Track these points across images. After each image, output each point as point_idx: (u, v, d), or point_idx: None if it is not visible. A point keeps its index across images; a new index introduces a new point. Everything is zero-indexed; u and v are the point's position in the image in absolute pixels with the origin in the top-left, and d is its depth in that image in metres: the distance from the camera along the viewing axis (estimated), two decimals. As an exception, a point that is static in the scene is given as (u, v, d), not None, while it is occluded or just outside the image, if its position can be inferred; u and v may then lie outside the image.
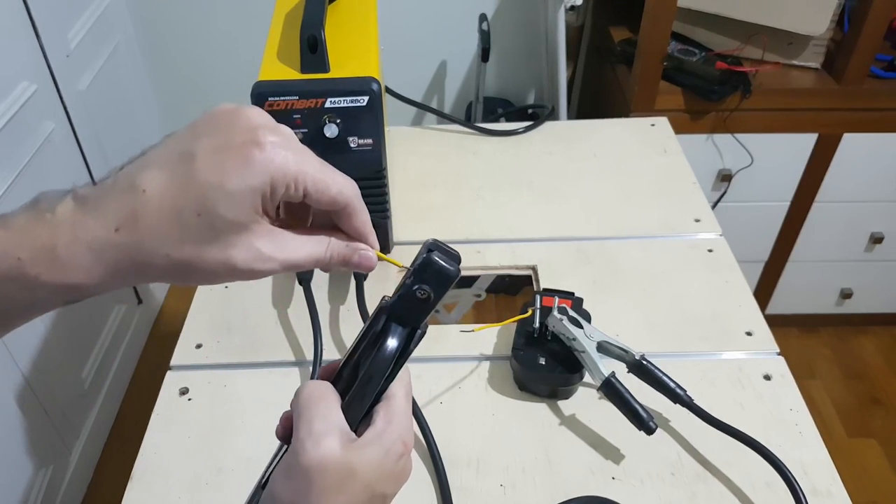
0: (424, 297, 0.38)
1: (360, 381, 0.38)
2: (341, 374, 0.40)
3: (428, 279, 0.38)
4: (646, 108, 1.46)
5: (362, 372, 0.38)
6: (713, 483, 0.62)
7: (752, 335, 0.76)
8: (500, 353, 0.74)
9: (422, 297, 0.38)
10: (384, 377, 0.38)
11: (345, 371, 0.39)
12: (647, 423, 0.62)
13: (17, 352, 1.30)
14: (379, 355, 0.38)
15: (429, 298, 0.38)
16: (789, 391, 0.70)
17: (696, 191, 0.95)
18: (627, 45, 1.56)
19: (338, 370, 0.40)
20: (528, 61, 1.96)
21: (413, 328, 0.39)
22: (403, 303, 0.38)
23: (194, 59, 1.96)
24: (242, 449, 0.66)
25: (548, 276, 0.83)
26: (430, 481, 0.63)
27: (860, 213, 1.66)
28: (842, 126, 1.51)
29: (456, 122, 1.08)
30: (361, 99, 0.70)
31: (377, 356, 0.38)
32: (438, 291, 0.38)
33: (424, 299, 0.38)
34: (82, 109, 1.57)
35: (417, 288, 0.38)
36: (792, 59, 1.50)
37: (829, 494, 0.61)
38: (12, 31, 1.34)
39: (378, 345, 0.38)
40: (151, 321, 1.96)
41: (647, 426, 0.62)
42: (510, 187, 0.97)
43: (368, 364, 0.38)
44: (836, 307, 1.86)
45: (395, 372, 0.39)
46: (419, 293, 0.38)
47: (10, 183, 1.29)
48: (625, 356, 0.67)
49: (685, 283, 0.82)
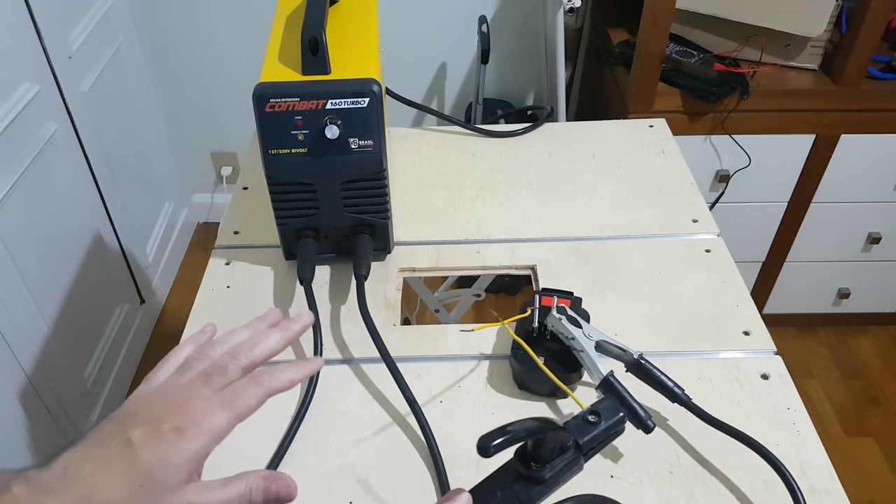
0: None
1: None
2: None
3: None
4: (644, 110, 1.47)
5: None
6: (711, 482, 0.63)
7: (750, 335, 0.76)
8: (500, 353, 0.75)
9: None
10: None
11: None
12: (645, 422, 0.62)
13: (20, 351, 1.31)
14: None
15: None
16: (787, 390, 0.70)
17: (694, 191, 0.96)
18: (626, 47, 1.56)
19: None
20: (528, 63, 1.97)
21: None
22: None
23: (196, 61, 1.97)
24: (243, 448, 0.66)
25: (547, 275, 0.84)
26: (430, 480, 0.64)
27: (858, 214, 1.67)
28: (839, 127, 1.51)
29: (456, 124, 1.09)
30: (362, 100, 0.70)
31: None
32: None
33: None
34: (84, 111, 1.58)
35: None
36: (790, 61, 1.50)
37: (827, 493, 0.62)
38: (15, 33, 1.35)
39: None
40: (154, 321, 1.97)
41: (646, 425, 0.62)
42: (510, 188, 0.97)
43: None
44: (833, 307, 1.87)
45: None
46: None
47: (12, 184, 1.30)
48: (623, 355, 0.67)
49: (683, 282, 0.82)
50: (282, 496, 0.42)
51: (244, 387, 0.44)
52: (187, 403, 0.42)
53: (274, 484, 0.42)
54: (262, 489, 0.42)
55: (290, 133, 0.72)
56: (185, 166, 2.19)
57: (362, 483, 0.63)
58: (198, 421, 0.41)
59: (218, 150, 2.18)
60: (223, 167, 2.20)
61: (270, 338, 0.49)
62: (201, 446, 0.41)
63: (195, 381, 0.44)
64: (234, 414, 0.43)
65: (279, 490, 0.42)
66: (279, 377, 0.46)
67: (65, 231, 1.51)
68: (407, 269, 0.86)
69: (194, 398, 0.43)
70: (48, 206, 1.43)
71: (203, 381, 0.44)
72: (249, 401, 0.44)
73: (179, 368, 0.46)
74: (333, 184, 0.76)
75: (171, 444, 0.40)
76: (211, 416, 0.42)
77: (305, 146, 0.73)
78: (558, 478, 0.45)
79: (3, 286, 1.27)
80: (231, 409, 0.43)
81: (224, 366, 0.45)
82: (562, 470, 0.45)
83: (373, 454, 0.65)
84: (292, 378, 0.47)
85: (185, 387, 0.44)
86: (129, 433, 0.40)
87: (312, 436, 0.67)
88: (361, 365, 0.74)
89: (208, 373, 0.45)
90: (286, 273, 0.85)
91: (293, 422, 0.67)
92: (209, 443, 0.41)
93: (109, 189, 1.68)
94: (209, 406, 0.42)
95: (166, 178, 2.09)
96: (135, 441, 0.40)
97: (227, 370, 0.45)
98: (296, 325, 0.52)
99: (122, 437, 0.40)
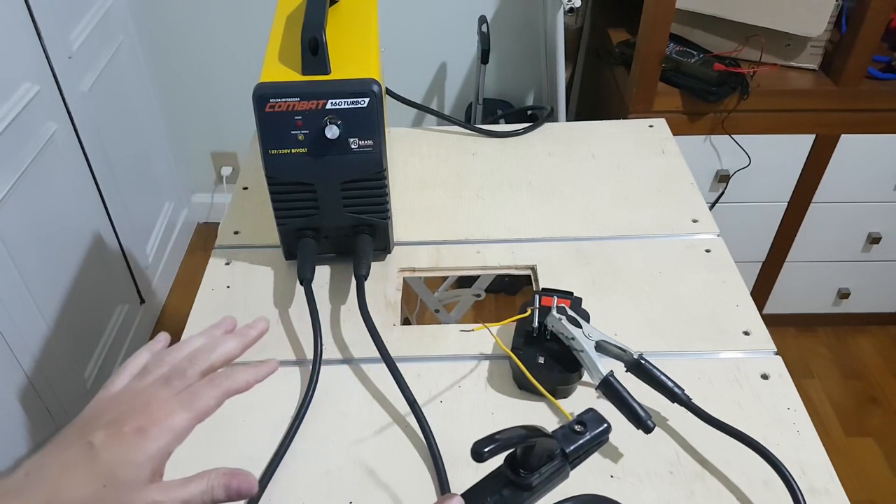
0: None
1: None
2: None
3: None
4: (644, 110, 1.47)
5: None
6: (711, 482, 0.63)
7: (750, 335, 0.76)
8: (500, 353, 0.75)
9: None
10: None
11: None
12: (645, 422, 0.62)
13: (20, 351, 1.31)
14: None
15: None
16: (787, 390, 0.70)
17: (694, 191, 0.96)
18: (626, 47, 1.56)
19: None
20: (528, 63, 1.97)
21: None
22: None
23: (196, 61, 1.97)
24: (243, 448, 0.66)
25: (547, 275, 0.84)
26: (430, 481, 0.64)
27: (858, 214, 1.67)
28: (839, 127, 1.51)
29: (456, 124, 1.09)
30: (362, 100, 0.70)
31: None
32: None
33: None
34: (84, 111, 1.58)
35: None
36: (790, 61, 1.50)
37: (827, 493, 0.62)
38: (15, 33, 1.35)
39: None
40: (154, 321, 1.97)
41: (646, 425, 0.62)
42: (510, 188, 0.97)
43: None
44: (833, 307, 1.87)
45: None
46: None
47: (12, 184, 1.30)
48: (623, 355, 0.67)
49: (683, 283, 0.82)
50: (243, 491, 0.44)
51: (203, 388, 0.46)
52: (148, 405, 0.43)
53: (235, 480, 0.43)
54: (223, 485, 0.43)
55: (290, 133, 0.72)
56: (185, 166, 2.19)
57: (362, 483, 0.63)
58: (159, 421, 0.42)
59: (218, 150, 2.18)
60: (223, 167, 2.20)
61: (227, 343, 0.51)
62: (163, 445, 0.42)
63: (155, 384, 0.46)
64: (194, 414, 0.44)
65: (240, 485, 0.43)
66: (236, 378, 0.48)
67: (65, 231, 1.51)
68: (407, 269, 0.86)
69: (154, 400, 0.44)
70: (48, 206, 1.43)
71: (162, 384, 0.45)
72: (208, 401, 0.45)
73: (138, 374, 0.47)
74: (333, 184, 0.76)
75: (133, 445, 0.41)
76: (171, 416, 0.43)
77: (305, 146, 0.73)
78: (545, 485, 0.47)
79: (3, 286, 1.27)
80: (191, 409, 0.44)
81: (183, 370, 0.47)
82: (549, 477, 0.47)
83: (373, 454, 0.65)
84: (249, 379, 0.49)
85: (145, 390, 0.45)
86: (91, 436, 0.41)
87: (312, 436, 0.67)
88: (361, 365, 0.74)
89: (168, 376, 0.46)
90: (286, 273, 0.85)
91: (293, 422, 0.67)
92: (171, 442, 0.42)
93: (109, 189, 1.68)
94: (169, 407, 0.44)
95: (166, 178, 2.09)
96: (96, 443, 0.41)
97: (185, 374, 0.46)
98: (252, 331, 0.54)
99: (83, 441, 0.41)
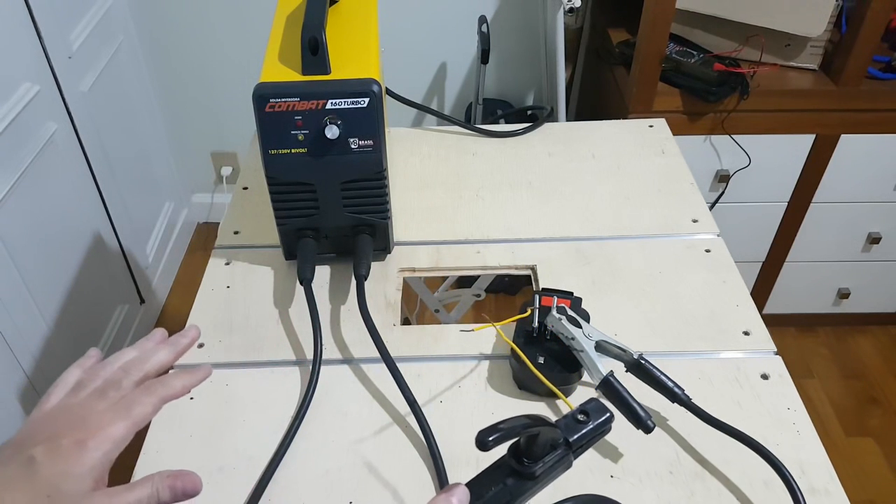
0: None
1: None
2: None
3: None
4: (644, 110, 1.47)
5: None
6: (711, 482, 0.63)
7: (750, 335, 0.76)
8: (500, 353, 0.75)
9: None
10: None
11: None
12: (645, 422, 0.62)
13: (20, 351, 1.31)
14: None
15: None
16: (787, 390, 0.70)
17: (693, 191, 0.96)
18: (626, 47, 1.56)
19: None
20: (528, 63, 1.97)
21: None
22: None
23: (196, 61, 1.97)
24: (244, 448, 0.66)
25: (547, 275, 0.84)
26: (430, 480, 0.64)
27: (858, 214, 1.67)
28: (839, 127, 1.51)
29: (456, 124, 1.09)
30: (362, 100, 0.71)
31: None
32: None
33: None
34: (84, 111, 1.58)
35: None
36: (790, 61, 1.50)
37: (827, 493, 0.62)
38: (15, 33, 1.35)
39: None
40: (154, 321, 1.97)
41: (646, 425, 0.62)
42: (510, 188, 0.97)
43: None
44: (833, 307, 1.87)
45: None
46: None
47: (12, 184, 1.30)
48: (623, 355, 0.67)
49: (683, 283, 0.82)
50: (188, 491, 0.44)
51: (139, 396, 0.46)
52: (85, 418, 0.44)
53: (179, 481, 0.44)
54: (168, 487, 0.43)
55: (290, 133, 0.72)
56: (185, 166, 2.19)
57: (362, 483, 0.63)
58: (97, 433, 0.43)
59: (218, 150, 2.18)
60: (223, 167, 2.20)
61: (160, 352, 0.51)
62: (103, 454, 0.42)
63: (90, 397, 0.46)
64: (132, 421, 0.44)
65: (185, 486, 0.44)
66: (172, 384, 0.48)
67: (65, 231, 1.51)
68: (407, 269, 0.86)
69: (92, 413, 0.44)
70: (48, 206, 1.44)
71: (98, 396, 0.46)
72: (145, 408, 0.46)
73: (72, 390, 0.47)
74: (333, 184, 0.76)
75: (73, 456, 0.41)
76: (109, 426, 0.43)
77: (305, 146, 0.73)
78: (548, 474, 0.47)
79: (3, 286, 1.27)
80: (128, 417, 0.44)
81: (118, 381, 0.47)
82: (552, 466, 0.47)
83: (373, 454, 0.65)
84: (185, 384, 0.49)
85: (81, 404, 0.46)
86: (30, 451, 0.41)
87: (312, 436, 0.67)
88: (361, 365, 0.74)
89: (103, 389, 0.47)
90: (286, 273, 0.85)
91: (293, 422, 0.67)
92: (110, 450, 0.43)
93: (109, 189, 1.68)
94: (107, 417, 0.44)
95: (166, 178, 2.09)
96: (37, 458, 0.41)
97: (120, 385, 0.47)
98: (184, 339, 0.54)
99: (23, 457, 0.41)
